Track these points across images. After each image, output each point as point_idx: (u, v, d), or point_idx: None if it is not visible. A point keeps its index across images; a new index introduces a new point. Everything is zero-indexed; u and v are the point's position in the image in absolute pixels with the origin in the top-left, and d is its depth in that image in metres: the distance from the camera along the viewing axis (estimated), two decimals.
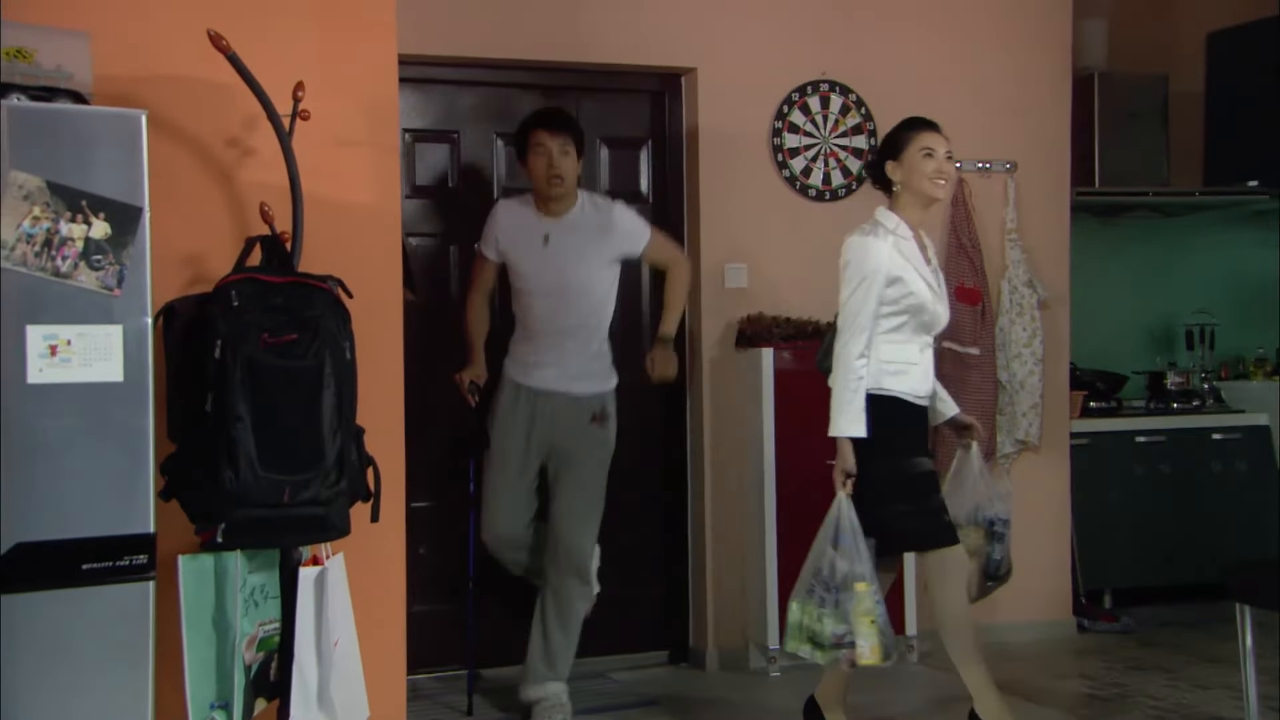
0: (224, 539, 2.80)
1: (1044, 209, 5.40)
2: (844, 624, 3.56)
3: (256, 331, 2.84)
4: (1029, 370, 5.25)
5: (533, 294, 4.30)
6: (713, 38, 4.97)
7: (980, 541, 3.81)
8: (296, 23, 3.28)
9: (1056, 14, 5.44)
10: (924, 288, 3.71)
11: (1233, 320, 6.46)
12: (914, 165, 3.76)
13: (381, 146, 3.36)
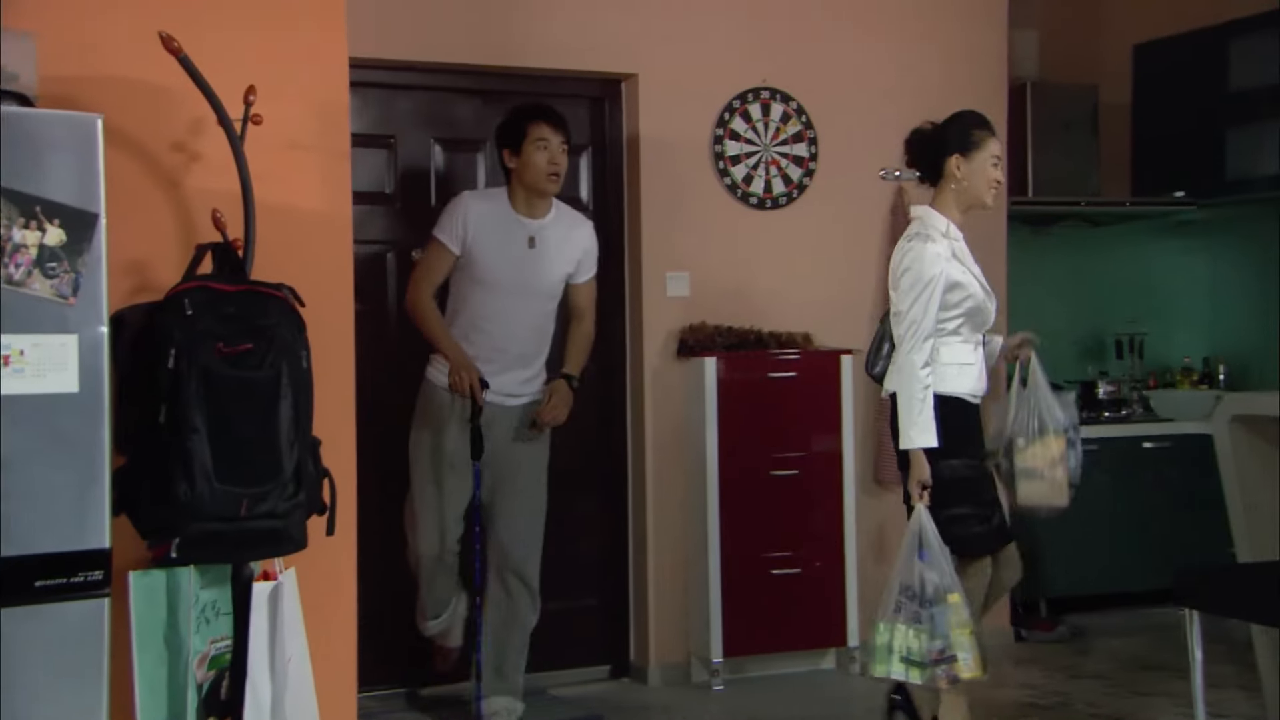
0: (178, 554, 2.77)
1: (980, 218, 5.45)
2: (940, 638, 3.54)
3: (211, 341, 2.83)
4: None
5: (502, 295, 4.21)
6: (654, 44, 5.03)
7: (1061, 449, 3.82)
8: (245, 26, 3.26)
9: (992, 24, 5.59)
10: (979, 288, 3.79)
11: (1161, 330, 6.66)
12: (982, 169, 3.84)
13: (332, 152, 3.36)
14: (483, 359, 4.20)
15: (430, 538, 4.26)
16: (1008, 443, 3.89)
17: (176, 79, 2.98)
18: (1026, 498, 3.88)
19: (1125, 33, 6.68)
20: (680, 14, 5.06)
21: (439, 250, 4.25)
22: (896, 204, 5.35)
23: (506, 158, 4.27)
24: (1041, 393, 3.91)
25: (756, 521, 4.96)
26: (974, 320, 3.82)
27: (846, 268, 5.29)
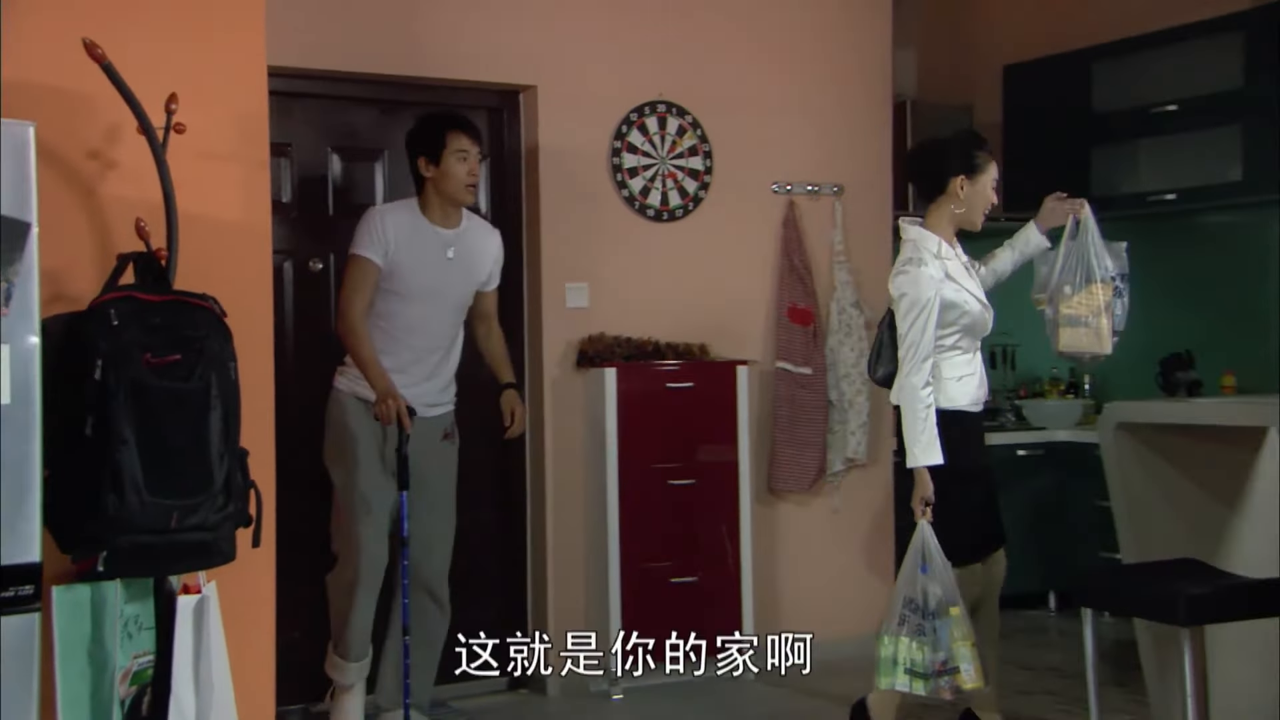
0: (105, 568, 2.76)
1: (868, 232, 5.73)
2: (943, 651, 3.66)
3: (139, 352, 2.82)
4: (857, 390, 5.55)
5: (422, 305, 4.22)
6: (553, 56, 5.10)
7: (1107, 298, 3.90)
8: (164, 34, 3.25)
9: (877, 45, 5.79)
10: (975, 304, 3.92)
11: (1031, 341, 6.95)
12: (983, 191, 3.97)
13: (251, 161, 3.36)
14: (402, 370, 4.20)
15: (364, 553, 4.19)
16: (1055, 291, 3.94)
17: (93, 85, 2.97)
18: (1069, 345, 3.93)
19: (996, 54, 6.97)
20: (579, 27, 5.15)
21: (364, 266, 4.21)
22: (788, 217, 5.51)
23: (423, 166, 4.27)
24: (1092, 242, 3.96)
25: (655, 530, 5.06)
26: (971, 332, 3.97)
27: (741, 280, 5.43)
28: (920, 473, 3.82)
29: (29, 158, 2.58)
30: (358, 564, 4.19)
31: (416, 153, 4.29)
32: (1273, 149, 5.80)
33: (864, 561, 5.67)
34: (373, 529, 4.21)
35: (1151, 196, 6.32)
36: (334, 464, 4.25)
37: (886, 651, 3.79)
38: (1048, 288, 4.00)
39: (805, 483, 5.47)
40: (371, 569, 4.21)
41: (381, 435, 4.21)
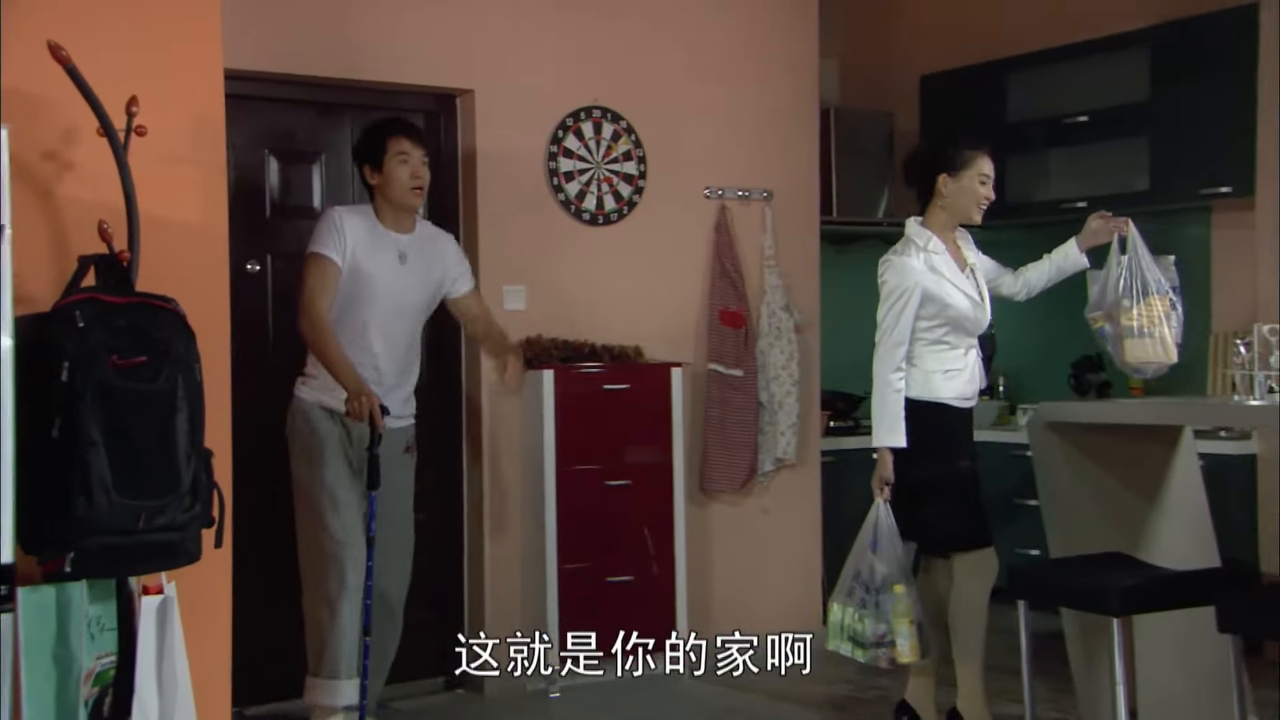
0: (73, 569, 2.78)
1: (797, 237, 5.87)
2: (884, 624, 3.87)
3: (105, 353, 2.85)
4: (786, 391, 5.69)
5: (381, 311, 4.22)
6: (490, 60, 5.17)
7: (1165, 308, 4.01)
8: (120, 36, 3.26)
9: (804, 54, 5.93)
10: (961, 298, 4.05)
11: None
12: (969, 187, 4.10)
13: (209, 164, 3.39)
14: (364, 376, 4.17)
15: (349, 560, 4.14)
16: (1113, 306, 4.05)
17: (49, 87, 2.98)
18: (1135, 356, 4.03)
19: (915, 64, 7.17)
20: (516, 33, 5.22)
21: (325, 265, 4.20)
22: (720, 221, 5.63)
23: (368, 174, 4.30)
24: (1144, 256, 4.07)
25: (592, 530, 5.14)
26: (961, 328, 4.10)
27: (674, 283, 5.54)
28: (882, 453, 4.00)
29: (2, 160, 2.59)
30: (344, 573, 4.14)
31: (361, 161, 4.33)
32: (1178, 160, 6.06)
33: (793, 560, 5.81)
34: (350, 534, 4.16)
35: (1064, 204, 6.55)
36: (302, 474, 4.22)
37: (835, 618, 4.06)
38: (1103, 304, 4.12)
39: (737, 483, 5.59)
40: (356, 573, 4.14)
41: (348, 441, 4.20)
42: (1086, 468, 4.08)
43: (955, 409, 4.15)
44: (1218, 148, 5.89)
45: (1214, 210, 6.18)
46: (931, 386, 4.09)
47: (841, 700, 4.98)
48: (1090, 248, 4.34)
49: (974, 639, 4.13)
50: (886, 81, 7.13)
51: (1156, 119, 6.14)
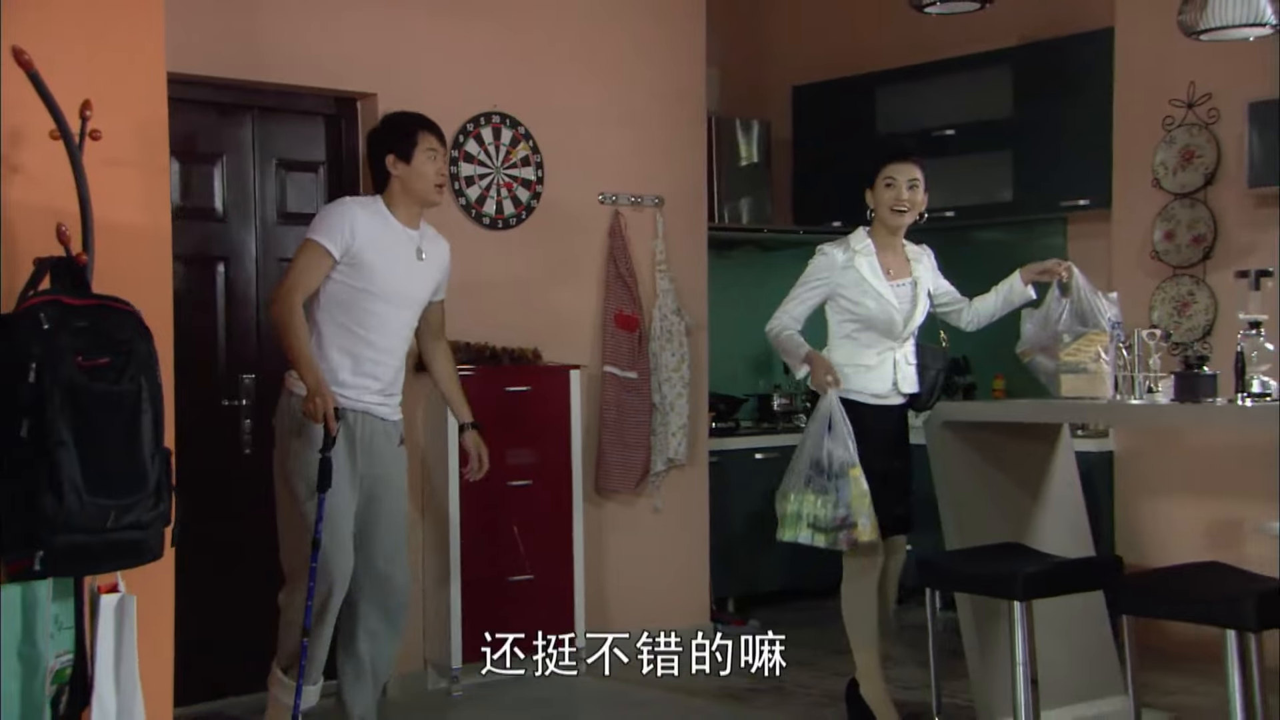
0: (41, 567, 2.86)
1: (686, 242, 6.13)
2: (843, 507, 4.16)
3: (70, 355, 2.93)
4: (678, 393, 5.94)
5: (389, 305, 4.20)
6: (392, 65, 5.29)
7: (1104, 343, 4.30)
8: (64, 39, 3.32)
9: (692, 63, 6.19)
10: (873, 301, 4.33)
11: (818, 345, 7.49)
12: (878, 194, 4.45)
13: (152, 167, 3.47)
14: (363, 372, 4.19)
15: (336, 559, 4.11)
16: (1052, 341, 4.37)
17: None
18: (1071, 391, 4.33)
19: (788, 74, 7.51)
20: (417, 38, 5.36)
21: (318, 254, 4.13)
22: (614, 226, 5.85)
23: (391, 163, 4.25)
24: (1085, 294, 4.42)
25: (494, 530, 5.31)
26: (872, 328, 4.37)
27: (571, 287, 5.74)
28: (812, 364, 4.42)
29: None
30: (331, 581, 4.11)
31: (385, 150, 4.27)
32: (1039, 173, 6.50)
33: (683, 558, 6.07)
34: (341, 541, 4.15)
35: (933, 213, 6.91)
36: (293, 475, 4.15)
37: (792, 508, 4.31)
38: (1041, 340, 4.46)
39: (631, 483, 5.82)
40: (343, 583, 4.13)
41: (349, 440, 4.16)
42: (978, 464, 4.42)
43: (867, 405, 4.43)
44: (1077, 162, 6.34)
45: (1070, 221, 6.64)
46: (846, 380, 4.38)
47: (739, 692, 5.24)
48: (1032, 281, 4.65)
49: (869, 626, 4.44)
50: (763, 91, 7.45)
51: (1020, 134, 6.57)
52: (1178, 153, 5.89)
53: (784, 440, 6.80)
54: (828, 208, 7.37)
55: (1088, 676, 4.51)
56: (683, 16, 6.13)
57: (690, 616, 6.09)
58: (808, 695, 5.12)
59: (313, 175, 5.31)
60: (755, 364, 7.36)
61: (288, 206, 5.25)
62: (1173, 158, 5.90)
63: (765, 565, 6.64)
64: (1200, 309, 5.81)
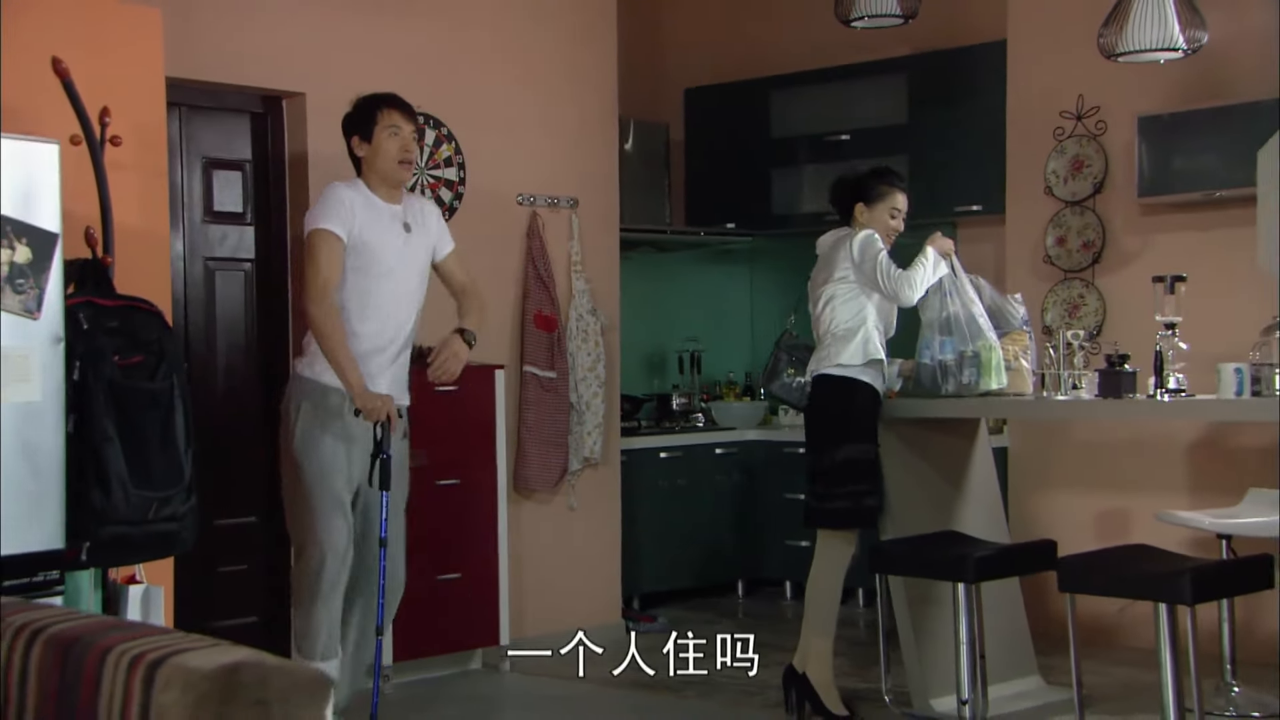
0: (88, 557, 3.15)
1: (599, 243, 6.55)
2: None
3: (109, 353, 3.23)
4: (594, 392, 6.36)
5: (390, 282, 4.39)
6: (320, 64, 5.58)
7: (1025, 342, 4.79)
8: (64, 46, 3.58)
9: (605, 65, 6.62)
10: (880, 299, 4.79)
11: (715, 346, 8.02)
12: (880, 218, 4.85)
13: (150, 170, 3.76)
14: (370, 353, 4.38)
15: (341, 532, 4.33)
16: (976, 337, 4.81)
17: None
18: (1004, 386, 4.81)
19: (683, 77, 7.99)
20: (345, 38, 5.65)
21: (332, 242, 4.30)
22: (532, 227, 6.24)
23: (356, 145, 4.48)
24: (995, 299, 4.97)
25: (422, 529, 5.63)
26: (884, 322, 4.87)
27: (492, 287, 6.04)
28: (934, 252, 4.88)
29: (55, 173, 2.95)
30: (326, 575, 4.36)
31: (350, 133, 4.50)
32: (933, 179, 7.09)
33: (598, 556, 6.49)
34: (345, 526, 4.39)
35: (829, 217, 7.46)
36: (301, 456, 4.34)
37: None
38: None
39: (551, 482, 6.22)
40: (335, 554, 4.37)
41: (351, 427, 4.36)
42: (910, 458, 4.95)
43: (877, 392, 4.86)
44: (971, 169, 6.96)
45: (959, 226, 7.26)
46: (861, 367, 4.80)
47: (669, 683, 5.66)
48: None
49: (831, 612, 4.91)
50: (659, 94, 7.91)
51: (914, 140, 7.17)
52: (1068, 162, 6.54)
53: (686, 440, 7.30)
54: (721, 210, 7.90)
55: (1005, 658, 5.07)
56: (597, 18, 6.55)
57: (604, 614, 6.51)
58: (736, 684, 5.58)
59: (239, 174, 5.56)
60: (652, 364, 7.82)
61: (214, 205, 5.49)
62: (1063, 167, 6.55)
63: (667, 564, 7.11)
64: (1090, 311, 6.47)
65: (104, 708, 1.77)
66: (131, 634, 1.82)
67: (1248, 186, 5.65)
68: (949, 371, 4.75)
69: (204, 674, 1.64)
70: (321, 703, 1.70)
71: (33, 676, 1.88)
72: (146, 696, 1.70)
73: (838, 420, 4.85)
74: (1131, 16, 5.02)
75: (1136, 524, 6.09)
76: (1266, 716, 5.06)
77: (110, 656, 1.77)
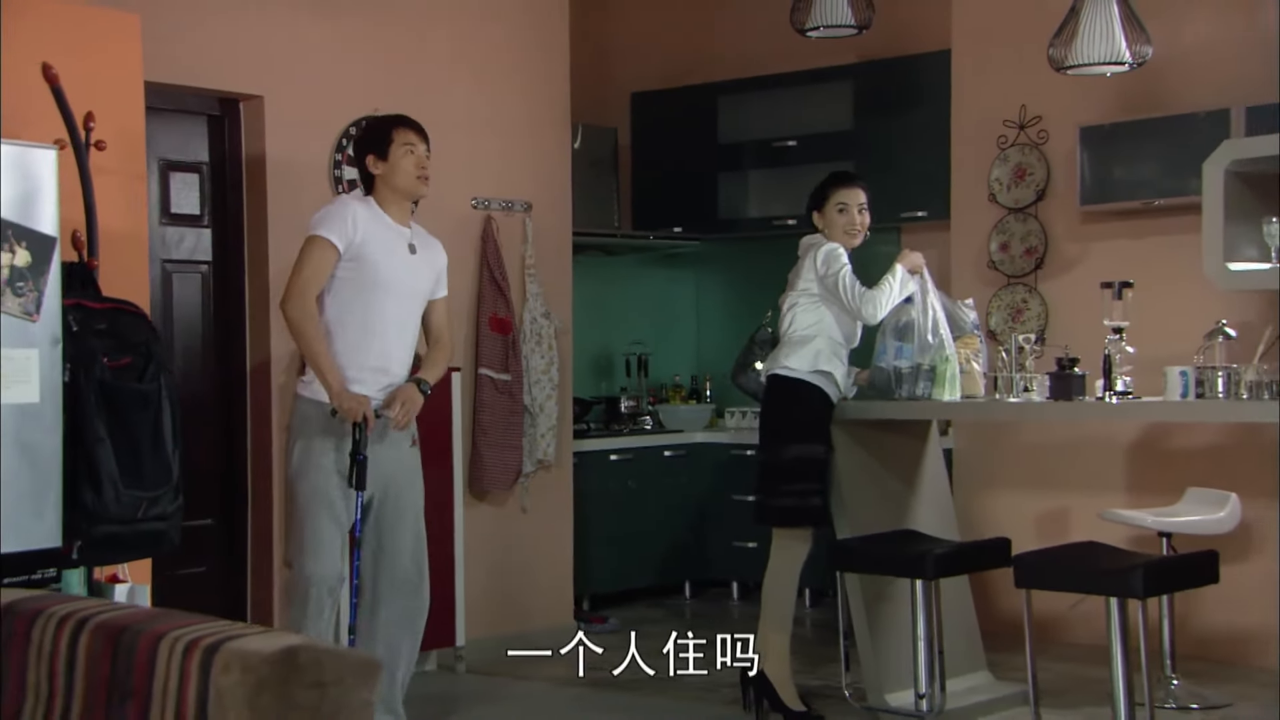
0: (79, 555, 3.23)
1: (553, 246, 6.67)
2: None
3: (99, 355, 3.31)
4: (547, 395, 6.48)
5: (394, 300, 4.51)
6: (277, 67, 5.66)
7: (976, 345, 4.97)
8: (48, 54, 3.65)
9: (557, 69, 6.74)
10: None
11: (661, 350, 8.17)
12: (830, 218, 4.94)
13: (130, 174, 3.84)
14: (373, 367, 4.50)
15: (332, 556, 4.44)
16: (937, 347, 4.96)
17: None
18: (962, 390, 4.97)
19: (628, 81, 8.14)
20: (303, 41, 5.74)
21: (325, 249, 4.44)
22: (486, 231, 6.35)
23: (371, 163, 4.60)
24: (947, 304, 5.07)
25: None
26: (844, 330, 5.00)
27: (448, 290, 6.19)
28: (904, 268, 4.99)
29: (53, 178, 3.03)
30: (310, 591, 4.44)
31: (365, 152, 4.63)
32: (879, 185, 7.25)
33: (550, 557, 6.61)
34: (337, 551, 4.50)
35: (776, 221, 7.67)
36: (298, 477, 4.45)
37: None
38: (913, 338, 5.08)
39: (505, 484, 6.33)
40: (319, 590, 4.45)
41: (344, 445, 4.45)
42: (865, 459, 5.12)
43: (828, 395, 5.00)
44: (916, 176, 7.16)
45: (903, 231, 7.47)
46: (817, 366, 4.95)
47: (625, 681, 5.80)
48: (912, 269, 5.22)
49: (788, 609, 5.07)
50: (607, 98, 8.05)
51: (860, 147, 7.35)
52: (1011, 170, 6.76)
53: (635, 442, 7.44)
54: (668, 214, 8.05)
55: (955, 654, 5.24)
56: (550, 21, 6.67)
57: (557, 616, 6.63)
58: (693, 680, 5.72)
59: (196, 176, 5.63)
60: (599, 367, 7.95)
61: (171, 207, 5.55)
62: (1007, 174, 6.77)
63: (616, 565, 7.24)
64: (1033, 315, 6.68)
65: (158, 690, 1.86)
66: (180, 621, 1.93)
67: (1185, 195, 5.91)
68: (903, 379, 4.91)
69: (263, 657, 1.75)
70: (372, 684, 1.81)
71: (81, 662, 1.97)
72: (204, 679, 1.81)
73: (786, 420, 5.01)
74: (1080, 31, 5.23)
75: (1076, 523, 6.31)
76: (1205, 708, 5.28)
77: (164, 642, 1.88)
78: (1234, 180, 4.45)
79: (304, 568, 4.42)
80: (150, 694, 1.89)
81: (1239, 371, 4.64)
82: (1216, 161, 4.50)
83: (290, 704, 1.75)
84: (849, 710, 5.07)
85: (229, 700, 1.78)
